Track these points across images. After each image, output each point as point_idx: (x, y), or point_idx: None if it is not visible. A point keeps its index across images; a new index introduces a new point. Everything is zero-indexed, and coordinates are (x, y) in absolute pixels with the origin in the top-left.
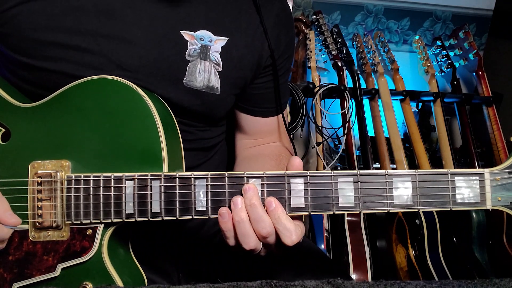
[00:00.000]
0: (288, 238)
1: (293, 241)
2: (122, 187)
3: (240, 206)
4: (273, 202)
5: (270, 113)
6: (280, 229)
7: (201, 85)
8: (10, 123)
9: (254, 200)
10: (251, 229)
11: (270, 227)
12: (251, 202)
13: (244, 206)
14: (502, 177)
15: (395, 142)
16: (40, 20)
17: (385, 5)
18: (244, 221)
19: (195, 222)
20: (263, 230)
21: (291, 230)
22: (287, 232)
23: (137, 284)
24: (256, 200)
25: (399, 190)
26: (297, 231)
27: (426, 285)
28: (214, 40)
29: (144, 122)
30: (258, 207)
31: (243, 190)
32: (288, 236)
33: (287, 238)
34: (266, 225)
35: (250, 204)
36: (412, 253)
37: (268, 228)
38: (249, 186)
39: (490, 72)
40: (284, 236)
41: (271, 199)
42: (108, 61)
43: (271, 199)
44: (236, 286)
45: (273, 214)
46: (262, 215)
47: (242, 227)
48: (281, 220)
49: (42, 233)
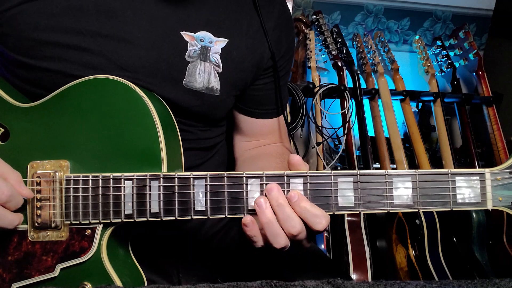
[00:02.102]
0: (319, 224)
1: (323, 225)
2: (121, 187)
3: (265, 206)
4: (295, 194)
5: (270, 115)
6: (309, 217)
7: (201, 86)
8: (9, 123)
9: (281, 199)
10: (279, 228)
11: (300, 224)
12: (278, 202)
13: (269, 206)
14: (503, 177)
15: (395, 142)
16: (40, 20)
17: (385, 5)
18: (273, 222)
19: (195, 222)
20: (293, 229)
21: (320, 216)
22: (317, 218)
23: (137, 284)
24: (282, 199)
25: (399, 190)
26: (325, 216)
27: (426, 285)
28: (214, 41)
29: (143, 122)
30: (286, 207)
31: (266, 190)
32: (318, 222)
33: (318, 224)
34: (296, 224)
35: (277, 204)
36: (412, 253)
37: (298, 226)
38: (272, 186)
39: (490, 72)
40: (315, 223)
41: (292, 192)
42: (108, 62)
43: (293, 192)
44: (236, 286)
45: (298, 205)
46: (290, 213)
47: (271, 227)
48: (307, 209)
49: (41, 233)
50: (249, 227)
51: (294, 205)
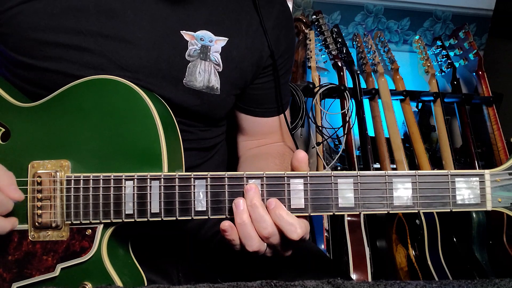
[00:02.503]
0: (293, 232)
1: (298, 234)
2: (121, 187)
3: (242, 208)
4: (273, 201)
5: (270, 113)
6: (283, 225)
7: (201, 85)
8: (10, 123)
9: (255, 200)
10: (253, 231)
11: (272, 227)
12: (252, 203)
13: (246, 208)
14: (502, 178)
15: (395, 142)
16: (40, 20)
17: (385, 5)
18: (246, 224)
19: (195, 222)
20: (264, 231)
21: (294, 224)
22: (291, 226)
23: (137, 284)
24: (257, 200)
25: (399, 191)
26: (301, 224)
27: (426, 285)
28: (214, 40)
29: (143, 122)
30: (259, 207)
31: (244, 190)
32: (292, 230)
33: (292, 233)
34: (267, 225)
35: (251, 205)
36: (412, 253)
37: (270, 228)
38: (250, 186)
39: (490, 72)
40: (289, 231)
41: (271, 199)
42: (108, 61)
43: (271, 199)
44: (236, 286)
45: (274, 212)
46: (263, 215)
47: (244, 229)
48: (282, 217)
49: (42, 233)
50: (228, 232)
51: (270, 212)
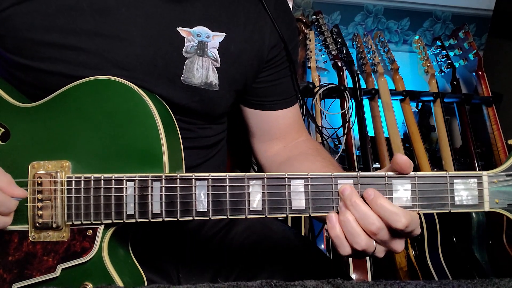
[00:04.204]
0: (397, 222)
1: (403, 223)
2: (122, 188)
3: (344, 208)
4: (371, 191)
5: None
6: (387, 215)
7: (199, 81)
8: (10, 123)
9: (354, 198)
10: (358, 227)
11: (378, 221)
12: (352, 202)
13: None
14: (500, 180)
15: (395, 142)
16: (35, 21)
17: (385, 5)
18: (350, 220)
19: (195, 222)
20: (372, 226)
21: (398, 213)
22: (395, 216)
23: (137, 284)
24: (357, 198)
25: (399, 192)
26: (405, 214)
27: (426, 285)
28: (211, 36)
29: (144, 123)
30: (361, 205)
31: (340, 192)
32: (397, 220)
33: (397, 222)
34: (374, 220)
35: (351, 204)
36: (412, 253)
37: (377, 222)
38: (345, 187)
39: (490, 72)
40: (393, 221)
41: (369, 189)
42: (105, 61)
43: (369, 190)
44: (236, 286)
45: (374, 203)
46: (366, 211)
47: (348, 225)
48: (384, 206)
49: (42, 233)
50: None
51: (371, 203)
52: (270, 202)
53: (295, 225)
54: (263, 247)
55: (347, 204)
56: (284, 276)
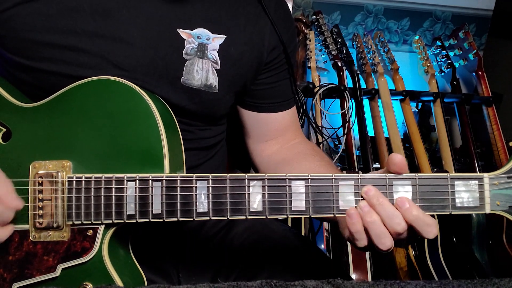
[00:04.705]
0: (430, 232)
1: (434, 234)
2: (123, 188)
3: (368, 209)
4: (406, 201)
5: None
6: (421, 224)
7: (199, 83)
8: (11, 123)
9: (381, 198)
10: (385, 228)
11: (404, 222)
12: (379, 201)
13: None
14: (501, 182)
15: (395, 142)
16: (36, 21)
17: (385, 5)
18: (377, 222)
19: (195, 222)
20: (398, 227)
21: (431, 224)
22: (428, 227)
23: (137, 284)
24: (384, 199)
25: (399, 194)
26: (436, 224)
27: (426, 285)
28: (211, 38)
29: (145, 123)
30: (388, 205)
31: (363, 193)
32: (429, 231)
33: (429, 233)
34: (401, 221)
35: (379, 203)
36: (412, 253)
37: (403, 223)
38: (369, 187)
39: (490, 72)
40: (425, 232)
41: (402, 198)
42: (105, 61)
43: (403, 198)
44: (236, 286)
45: (409, 212)
46: (393, 211)
47: (376, 227)
48: (419, 217)
49: (43, 233)
50: (353, 220)
51: (404, 212)
52: (271, 202)
53: (295, 225)
54: (263, 247)
55: (373, 204)
56: (284, 276)
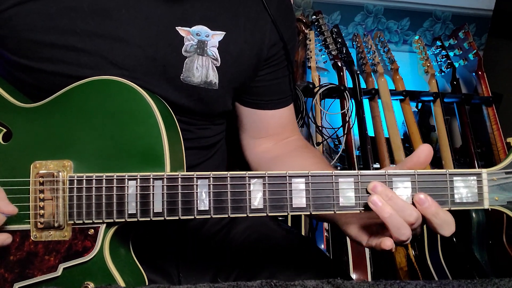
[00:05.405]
0: (447, 230)
1: (452, 231)
2: (124, 187)
3: (381, 203)
4: (425, 199)
5: (277, 105)
6: (439, 222)
7: (199, 80)
8: (12, 123)
9: (390, 192)
10: (402, 219)
11: (416, 211)
12: (389, 196)
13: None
14: (499, 177)
15: (395, 142)
16: (36, 21)
17: (385, 5)
18: (394, 214)
19: (196, 221)
20: (411, 217)
21: (450, 222)
22: (447, 225)
23: (138, 284)
24: (392, 193)
25: (399, 190)
26: (454, 222)
27: (426, 285)
28: (211, 35)
29: (146, 122)
30: (397, 198)
31: (370, 190)
32: (447, 228)
33: (447, 231)
34: (412, 211)
35: (389, 198)
36: (412, 253)
37: (415, 213)
38: (376, 183)
39: (490, 72)
40: (443, 229)
41: (421, 195)
42: (105, 61)
43: (422, 196)
44: (236, 286)
45: (429, 210)
46: (404, 204)
47: (394, 219)
48: (439, 215)
49: (44, 233)
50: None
51: (423, 210)
52: (271, 200)
53: (295, 225)
54: (264, 247)
55: (384, 199)
56: (284, 276)
